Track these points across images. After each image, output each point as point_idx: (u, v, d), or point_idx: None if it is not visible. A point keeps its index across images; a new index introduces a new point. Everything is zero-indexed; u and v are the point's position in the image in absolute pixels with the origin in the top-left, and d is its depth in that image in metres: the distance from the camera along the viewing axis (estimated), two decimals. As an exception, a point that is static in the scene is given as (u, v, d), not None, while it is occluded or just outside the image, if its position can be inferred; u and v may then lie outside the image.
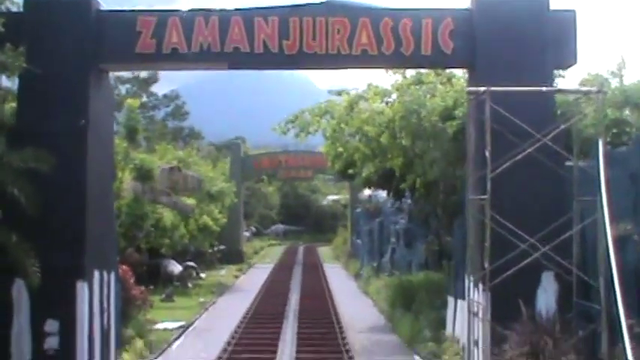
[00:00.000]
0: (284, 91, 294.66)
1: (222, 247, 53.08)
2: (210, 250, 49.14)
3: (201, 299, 32.96)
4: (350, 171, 26.67)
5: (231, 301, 33.76)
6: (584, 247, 15.32)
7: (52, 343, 15.02)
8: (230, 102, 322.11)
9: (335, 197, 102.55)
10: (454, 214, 22.19)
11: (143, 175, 26.49)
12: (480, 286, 15.71)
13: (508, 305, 14.83)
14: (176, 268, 36.81)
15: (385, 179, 25.71)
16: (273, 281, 41.95)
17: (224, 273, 48.80)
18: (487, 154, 14.75)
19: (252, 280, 44.51)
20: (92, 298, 15.78)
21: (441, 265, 27.57)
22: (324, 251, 73.61)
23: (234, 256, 56.31)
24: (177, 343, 22.92)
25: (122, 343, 19.81)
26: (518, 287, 14.85)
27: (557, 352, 12.62)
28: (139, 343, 20.24)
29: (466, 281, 17.64)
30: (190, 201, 37.22)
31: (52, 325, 15.04)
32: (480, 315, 15.71)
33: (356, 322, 26.52)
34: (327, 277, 44.04)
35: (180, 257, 40.11)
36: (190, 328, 25.68)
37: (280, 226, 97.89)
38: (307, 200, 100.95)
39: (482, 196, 14.90)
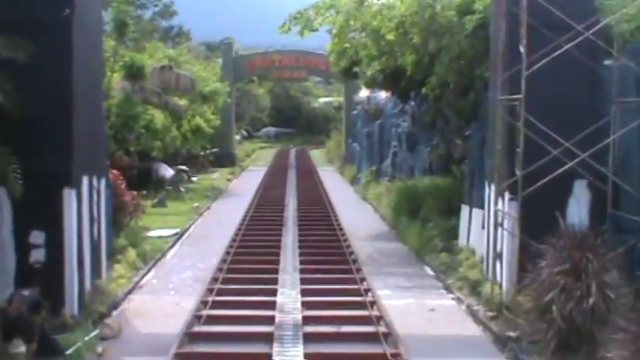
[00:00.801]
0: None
1: (214, 149, 51.61)
2: (202, 153, 47.67)
3: (195, 204, 31.68)
4: (356, 69, 24.92)
5: (226, 206, 32.55)
6: (621, 153, 13.93)
7: (37, 255, 13.64)
8: (219, 3, 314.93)
9: (327, 99, 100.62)
10: (469, 116, 20.72)
11: (133, 73, 24.73)
12: (507, 195, 14.41)
13: (537, 216, 13.58)
14: (168, 172, 35.38)
15: (392, 79, 24.04)
16: (267, 185, 40.64)
17: (216, 176, 47.47)
18: (522, 49, 13.19)
19: (246, 183, 43.23)
20: (81, 206, 14.37)
21: (448, 171, 26.32)
22: (316, 154, 72.26)
23: (226, 159, 54.91)
24: (172, 252, 21.69)
25: (114, 254, 18.62)
26: (549, 196, 13.58)
27: (599, 269, 11.34)
28: (131, 253, 18.97)
29: (487, 190, 16.37)
30: (182, 102, 35.56)
31: (37, 237, 13.63)
32: (506, 226, 14.48)
33: (358, 230, 25.34)
34: (323, 182, 42.72)
35: (171, 160, 38.69)
36: (185, 236, 24.48)
37: (271, 129, 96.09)
38: (299, 102, 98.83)
39: (516, 96, 13.39)
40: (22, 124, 13.27)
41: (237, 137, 72.94)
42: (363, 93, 50.67)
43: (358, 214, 29.79)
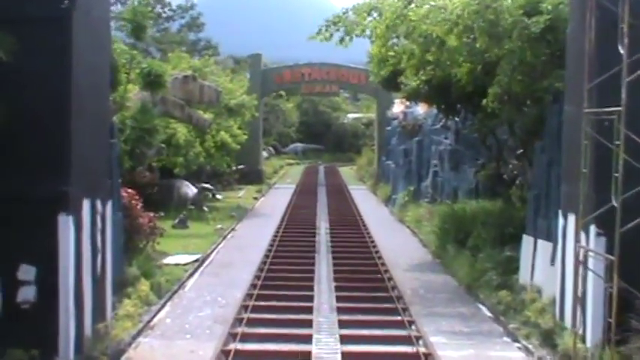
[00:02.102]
0: (301, 7, 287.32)
1: (240, 166, 49.27)
2: (227, 170, 45.33)
3: (219, 225, 29.30)
4: (400, 79, 22.35)
5: (253, 228, 30.11)
6: None
7: (27, 294, 11.37)
8: (246, 18, 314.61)
9: (356, 115, 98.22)
10: (531, 133, 18.16)
11: (152, 82, 22.39)
12: (593, 228, 11.86)
13: (635, 256, 11.06)
14: (190, 190, 33.04)
15: (438, 91, 21.57)
16: (296, 204, 38.18)
17: (242, 194, 45.22)
18: (622, 49, 10.65)
19: (274, 202, 40.82)
20: (80, 235, 12.03)
21: (496, 194, 23.76)
22: (346, 172, 69.65)
23: (253, 176, 52.64)
24: (191, 282, 19.24)
25: (124, 285, 16.30)
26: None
27: None
28: (144, 286, 16.58)
29: (561, 220, 13.79)
30: (207, 115, 33.30)
31: (26, 272, 11.38)
32: (591, 266, 11.92)
33: (398, 258, 22.82)
34: (355, 201, 40.25)
35: (195, 178, 36.39)
36: (206, 263, 22.05)
37: (299, 145, 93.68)
38: (327, 118, 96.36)
39: (611, 109, 10.84)
40: (10, 139, 11.04)
41: (265, 153, 70.72)
42: (396, 108, 48.27)
43: (397, 239, 27.23)
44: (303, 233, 27.58)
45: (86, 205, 12.40)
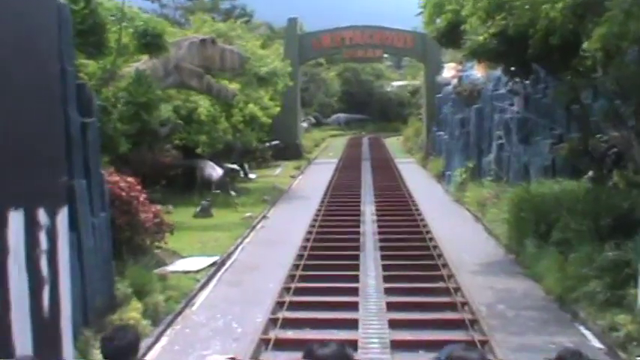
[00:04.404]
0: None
1: (275, 142, 44.95)
2: (260, 147, 41.06)
3: (248, 213, 25.16)
4: (465, 28, 17.66)
5: (287, 216, 25.91)
6: None
7: None
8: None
9: (401, 83, 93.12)
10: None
11: (148, 44, 18.11)
12: None
13: None
14: (215, 171, 28.88)
15: (511, 45, 16.98)
16: (338, 183, 33.87)
17: (279, 172, 41.08)
18: None
19: (313, 181, 36.55)
20: (4, 260, 7.97)
21: (578, 172, 19.20)
22: (392, 143, 64.90)
23: (291, 151, 48.36)
24: (202, 297, 15.09)
25: (109, 311, 12.34)
26: None
27: None
28: (134, 311, 12.47)
29: None
30: (234, 86, 29.06)
31: None
32: None
33: (462, 254, 18.49)
34: (404, 178, 35.80)
35: (223, 157, 32.24)
36: (225, 267, 17.90)
37: (342, 115, 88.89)
38: (371, 86, 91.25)
39: None
40: None
41: (305, 125, 66.40)
42: (447, 73, 43.50)
43: (457, 226, 22.76)
44: (345, 221, 23.29)
45: (15, 218, 8.30)
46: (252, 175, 37.55)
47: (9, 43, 8.16)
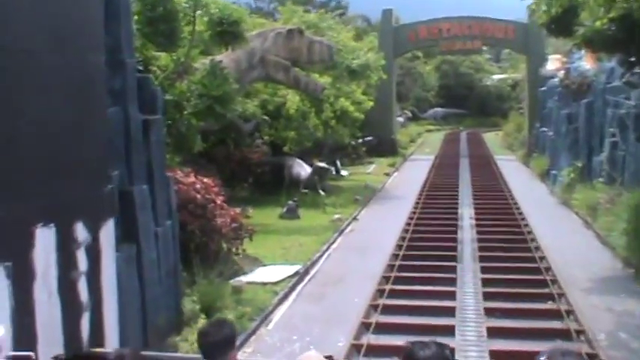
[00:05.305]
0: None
1: (367, 138, 43.18)
2: (353, 143, 39.42)
3: (337, 215, 23.63)
4: (582, 15, 15.64)
5: (379, 218, 24.23)
6: None
7: None
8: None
9: (501, 76, 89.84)
10: None
11: (224, 33, 16.72)
12: None
13: None
14: (304, 170, 27.47)
15: (631, 32, 14.89)
16: (434, 182, 31.93)
17: (372, 169, 39.37)
18: None
19: (408, 179, 34.67)
20: (31, 290, 6.69)
21: None
22: (490, 139, 62.22)
23: (386, 147, 46.48)
24: (278, 315, 13.60)
25: (174, 330, 11.07)
26: None
27: None
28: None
29: None
30: (324, 79, 27.60)
31: None
32: None
33: (573, 267, 16.44)
34: (505, 176, 33.61)
35: (314, 154, 30.81)
36: (308, 277, 16.38)
37: (439, 110, 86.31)
38: (470, 80, 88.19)
39: None
40: None
41: (401, 119, 64.36)
42: (551, 65, 40.90)
43: (565, 234, 20.62)
44: (442, 225, 21.49)
45: (43, 236, 6.99)
46: (344, 173, 36.06)
47: (42, 35, 6.85)
